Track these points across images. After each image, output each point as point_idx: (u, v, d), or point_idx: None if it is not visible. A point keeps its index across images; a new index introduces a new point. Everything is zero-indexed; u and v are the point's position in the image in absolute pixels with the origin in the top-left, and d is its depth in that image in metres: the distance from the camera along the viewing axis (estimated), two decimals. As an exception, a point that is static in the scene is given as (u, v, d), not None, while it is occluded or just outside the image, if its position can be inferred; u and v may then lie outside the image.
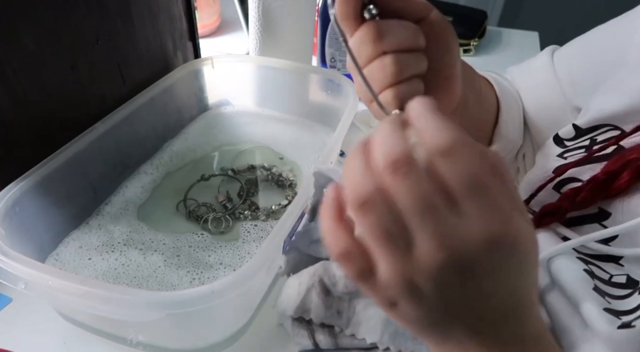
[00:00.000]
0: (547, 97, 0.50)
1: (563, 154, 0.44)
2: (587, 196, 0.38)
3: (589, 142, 0.42)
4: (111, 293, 0.36)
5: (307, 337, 0.43)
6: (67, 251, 0.51)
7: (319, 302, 0.43)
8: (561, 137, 0.45)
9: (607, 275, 0.36)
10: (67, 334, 0.47)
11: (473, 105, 0.43)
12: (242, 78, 0.73)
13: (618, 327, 0.31)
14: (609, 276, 0.36)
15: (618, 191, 0.36)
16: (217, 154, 0.68)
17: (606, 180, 0.37)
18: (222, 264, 0.51)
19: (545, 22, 1.45)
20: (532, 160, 0.53)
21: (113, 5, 0.54)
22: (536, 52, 1.04)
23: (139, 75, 0.62)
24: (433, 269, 0.22)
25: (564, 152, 0.44)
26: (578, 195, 0.39)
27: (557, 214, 0.40)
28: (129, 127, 0.59)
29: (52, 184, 0.49)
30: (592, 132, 0.42)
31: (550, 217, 0.41)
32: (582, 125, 0.43)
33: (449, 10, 1.03)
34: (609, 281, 0.35)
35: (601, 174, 0.38)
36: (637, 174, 0.36)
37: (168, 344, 0.45)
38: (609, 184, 0.37)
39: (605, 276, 0.36)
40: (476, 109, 0.45)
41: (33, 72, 0.47)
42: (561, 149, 0.45)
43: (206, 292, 0.36)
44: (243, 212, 0.58)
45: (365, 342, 0.42)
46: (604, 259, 0.37)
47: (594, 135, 0.42)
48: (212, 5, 0.98)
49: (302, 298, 0.43)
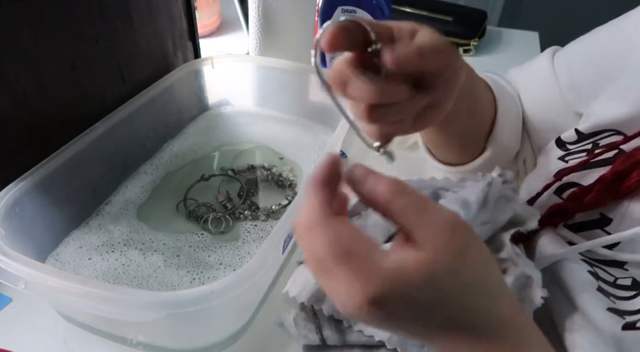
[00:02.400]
0: (547, 100, 0.50)
1: (564, 157, 0.44)
2: (595, 196, 0.37)
3: (590, 146, 0.42)
4: (111, 293, 0.36)
5: (314, 331, 0.43)
6: (67, 251, 0.51)
7: None
8: (563, 141, 0.45)
9: (611, 277, 0.36)
10: (67, 334, 0.47)
11: (465, 117, 0.43)
12: (242, 78, 0.73)
13: (622, 328, 0.31)
14: (614, 279, 0.36)
15: (628, 192, 0.36)
16: (217, 154, 0.68)
17: (614, 180, 0.36)
18: (222, 264, 0.51)
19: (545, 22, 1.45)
20: (532, 164, 0.53)
21: (113, 5, 0.54)
22: (536, 52, 1.04)
23: (139, 75, 0.62)
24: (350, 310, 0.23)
25: (566, 155, 0.44)
26: (586, 195, 0.38)
27: (564, 215, 0.40)
28: (129, 127, 0.59)
29: (52, 184, 0.49)
30: (594, 136, 0.42)
31: (557, 218, 0.40)
32: (584, 130, 0.43)
33: (449, 10, 1.03)
34: (614, 283, 0.35)
35: (609, 174, 0.37)
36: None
37: (168, 344, 0.45)
38: (618, 184, 0.36)
39: (609, 278, 0.36)
40: (467, 122, 0.45)
41: (33, 72, 0.47)
42: (563, 151, 0.44)
43: (206, 292, 0.36)
44: (243, 212, 0.58)
45: (373, 340, 0.42)
46: (609, 264, 0.37)
47: (595, 139, 0.42)
48: (212, 5, 0.98)
49: (318, 287, 0.43)
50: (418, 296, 0.22)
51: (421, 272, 0.22)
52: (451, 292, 0.23)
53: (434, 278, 0.22)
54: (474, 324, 0.24)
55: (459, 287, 0.23)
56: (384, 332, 0.41)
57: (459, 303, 0.23)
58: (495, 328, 0.24)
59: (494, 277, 0.25)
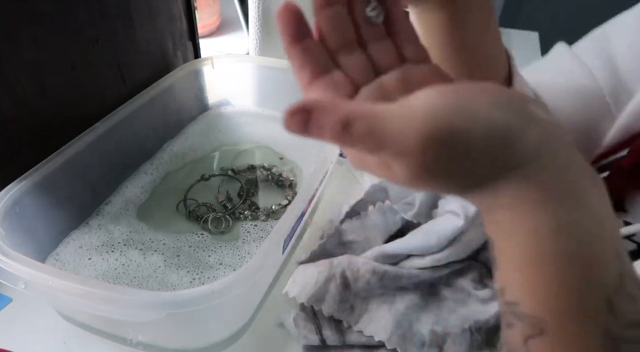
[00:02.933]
0: (583, 97, 0.43)
1: None
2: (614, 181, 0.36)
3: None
4: (111, 293, 0.36)
5: (314, 331, 0.43)
6: (67, 251, 0.51)
7: (336, 294, 0.43)
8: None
9: None
10: (67, 334, 0.47)
11: (475, 21, 0.33)
12: (242, 78, 0.73)
13: None
14: None
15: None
16: (217, 154, 0.68)
17: (634, 169, 0.35)
18: (222, 264, 0.51)
19: (545, 22, 1.45)
20: None
21: (113, 5, 0.54)
22: (536, 52, 1.04)
23: (139, 75, 0.62)
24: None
25: None
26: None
27: None
28: (129, 127, 0.59)
29: (52, 184, 0.49)
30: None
31: None
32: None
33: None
34: None
35: (626, 163, 0.35)
36: None
37: (168, 344, 0.45)
38: (636, 173, 0.35)
39: None
40: (481, 32, 0.34)
41: (33, 72, 0.47)
42: None
43: (206, 292, 0.36)
44: (243, 212, 0.58)
45: (373, 340, 0.42)
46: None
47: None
48: (212, 5, 0.98)
49: (318, 287, 0.43)
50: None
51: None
52: None
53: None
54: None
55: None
56: (383, 333, 0.41)
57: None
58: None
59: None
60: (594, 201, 0.21)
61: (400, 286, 0.45)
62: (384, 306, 0.43)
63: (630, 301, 0.20)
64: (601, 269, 0.20)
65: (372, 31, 0.26)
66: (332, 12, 0.25)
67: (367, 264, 0.45)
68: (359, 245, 0.50)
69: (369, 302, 0.44)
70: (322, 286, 0.43)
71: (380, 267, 0.44)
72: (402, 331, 0.42)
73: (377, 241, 0.50)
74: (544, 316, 0.21)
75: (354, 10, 0.25)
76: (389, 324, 0.42)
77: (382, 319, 0.42)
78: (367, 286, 0.43)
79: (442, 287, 0.47)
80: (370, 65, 0.25)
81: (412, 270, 0.45)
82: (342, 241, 0.50)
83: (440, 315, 0.44)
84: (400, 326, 0.42)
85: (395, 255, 0.46)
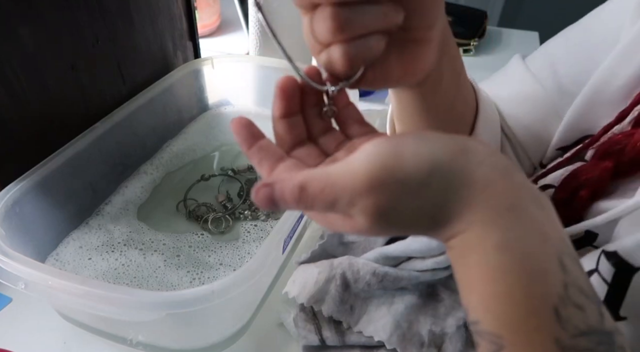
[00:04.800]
0: (538, 109, 0.47)
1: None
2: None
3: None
4: (111, 293, 0.36)
5: (313, 332, 0.43)
6: (67, 251, 0.51)
7: (336, 295, 0.43)
8: (544, 164, 0.45)
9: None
10: (67, 334, 0.47)
11: (447, 87, 0.36)
12: (242, 78, 0.73)
13: None
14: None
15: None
16: (217, 154, 0.68)
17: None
18: (222, 264, 0.51)
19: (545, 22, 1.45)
20: None
21: (113, 5, 0.55)
22: (536, 52, 1.04)
23: (139, 75, 0.62)
24: None
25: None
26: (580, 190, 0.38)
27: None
28: (129, 127, 0.59)
29: (52, 184, 0.49)
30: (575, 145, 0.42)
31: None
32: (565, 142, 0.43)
33: (449, 11, 1.02)
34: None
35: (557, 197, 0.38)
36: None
37: (168, 344, 0.45)
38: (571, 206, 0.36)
39: None
40: (452, 92, 0.38)
41: (33, 72, 0.47)
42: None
43: (206, 292, 0.36)
44: (243, 212, 0.58)
45: (373, 340, 0.42)
46: None
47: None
48: (212, 5, 0.98)
49: (318, 288, 0.43)
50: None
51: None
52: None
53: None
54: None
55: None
56: (383, 333, 0.41)
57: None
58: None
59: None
60: (536, 215, 0.22)
61: (399, 286, 0.45)
62: (383, 307, 0.43)
63: (578, 311, 0.21)
64: (544, 282, 0.21)
65: (321, 125, 0.30)
66: (288, 120, 0.30)
67: (368, 265, 0.45)
68: (359, 245, 0.50)
69: (369, 303, 0.44)
70: (322, 286, 0.43)
71: (380, 269, 0.44)
72: (402, 331, 0.42)
73: (378, 242, 0.50)
74: (501, 332, 0.22)
75: (307, 111, 0.30)
76: (388, 324, 0.42)
77: (381, 320, 0.42)
78: (367, 287, 0.43)
79: (440, 289, 0.47)
80: (321, 152, 0.29)
81: (412, 272, 0.45)
82: (343, 241, 0.50)
83: (437, 316, 0.44)
84: (399, 326, 0.42)
85: (396, 257, 0.46)
